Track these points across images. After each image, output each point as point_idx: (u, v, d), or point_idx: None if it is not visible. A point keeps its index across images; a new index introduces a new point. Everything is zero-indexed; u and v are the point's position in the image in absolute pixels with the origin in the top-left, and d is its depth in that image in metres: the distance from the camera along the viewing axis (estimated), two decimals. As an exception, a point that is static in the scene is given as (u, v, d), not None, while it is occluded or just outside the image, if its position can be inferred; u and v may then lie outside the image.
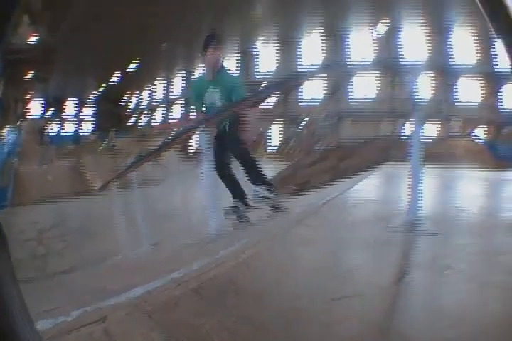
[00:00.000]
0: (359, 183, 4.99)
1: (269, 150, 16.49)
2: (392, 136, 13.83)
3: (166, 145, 4.75)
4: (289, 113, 17.22)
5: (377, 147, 9.68)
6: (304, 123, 16.94)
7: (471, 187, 5.24)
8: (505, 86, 17.23)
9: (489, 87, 17.36)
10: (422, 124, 2.79)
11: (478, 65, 16.89)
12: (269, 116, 16.00)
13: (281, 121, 17.49)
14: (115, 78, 20.67)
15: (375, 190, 4.90)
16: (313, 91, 16.58)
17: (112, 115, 21.57)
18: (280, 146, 16.95)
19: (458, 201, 3.92)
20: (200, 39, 3.65)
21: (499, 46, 0.64)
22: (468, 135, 14.72)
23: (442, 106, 16.58)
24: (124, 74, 20.11)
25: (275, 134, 17.63)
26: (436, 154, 8.09)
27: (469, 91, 17.70)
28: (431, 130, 15.86)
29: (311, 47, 17.52)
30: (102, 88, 21.40)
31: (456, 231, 2.57)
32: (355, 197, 4.02)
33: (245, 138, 3.33)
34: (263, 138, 15.78)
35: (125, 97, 22.91)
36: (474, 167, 8.57)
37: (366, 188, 4.76)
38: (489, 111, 16.76)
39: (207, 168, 3.04)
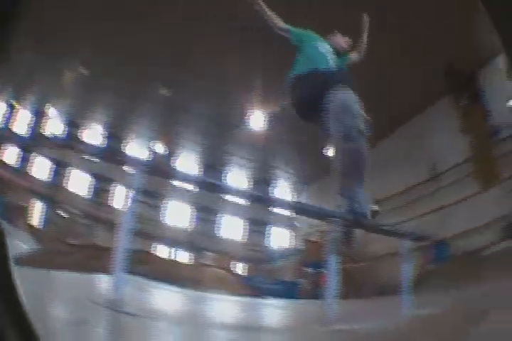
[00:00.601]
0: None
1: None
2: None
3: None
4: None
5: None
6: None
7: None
8: (272, 227, 19.33)
9: (256, 226, 18.92)
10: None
11: (250, 204, 17.47)
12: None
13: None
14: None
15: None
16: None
17: None
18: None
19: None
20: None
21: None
22: (226, 267, 15.22)
23: (201, 239, 17.39)
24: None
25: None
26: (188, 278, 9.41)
27: (234, 229, 18.79)
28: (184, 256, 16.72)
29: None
30: None
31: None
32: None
33: None
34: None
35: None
36: (223, 292, 9.17)
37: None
38: (253, 248, 18.27)
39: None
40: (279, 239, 19.67)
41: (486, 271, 7.15)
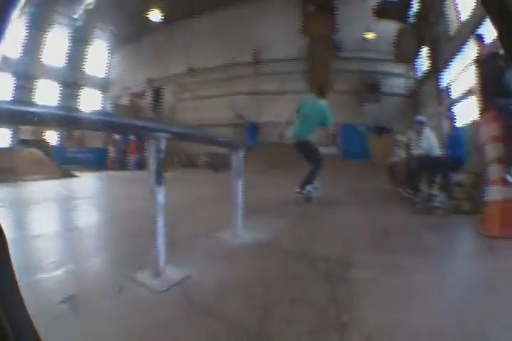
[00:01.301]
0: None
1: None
2: None
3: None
4: None
5: None
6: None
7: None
8: (84, 88, 17.91)
9: (69, 88, 17.17)
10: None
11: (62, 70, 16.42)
12: None
13: None
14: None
15: None
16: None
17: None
18: None
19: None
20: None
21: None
22: (42, 138, 13.87)
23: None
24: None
25: None
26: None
27: (49, 93, 16.61)
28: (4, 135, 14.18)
29: None
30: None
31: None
32: None
33: None
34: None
35: None
36: (40, 179, 7.82)
37: None
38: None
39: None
40: (90, 101, 18.15)
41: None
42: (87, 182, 8.74)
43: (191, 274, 1.95)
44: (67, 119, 1.35)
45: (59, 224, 3.55)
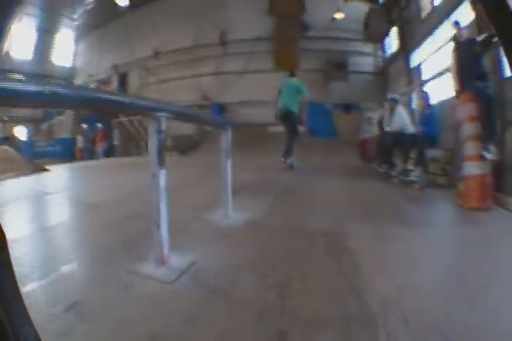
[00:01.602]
0: None
1: None
2: None
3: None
4: None
5: None
6: None
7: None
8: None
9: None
10: None
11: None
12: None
13: None
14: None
15: None
16: None
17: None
18: None
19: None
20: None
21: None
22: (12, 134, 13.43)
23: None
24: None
25: None
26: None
27: None
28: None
29: None
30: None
31: None
32: None
33: None
34: None
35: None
36: (11, 176, 7.03)
37: None
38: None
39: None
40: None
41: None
42: (59, 175, 8.23)
43: (196, 260, 1.89)
44: (66, 98, 1.18)
45: (37, 223, 3.16)
